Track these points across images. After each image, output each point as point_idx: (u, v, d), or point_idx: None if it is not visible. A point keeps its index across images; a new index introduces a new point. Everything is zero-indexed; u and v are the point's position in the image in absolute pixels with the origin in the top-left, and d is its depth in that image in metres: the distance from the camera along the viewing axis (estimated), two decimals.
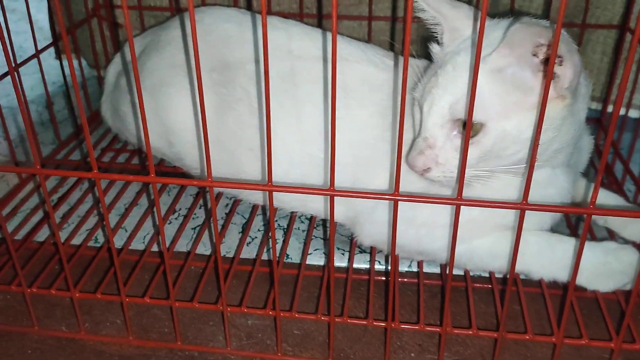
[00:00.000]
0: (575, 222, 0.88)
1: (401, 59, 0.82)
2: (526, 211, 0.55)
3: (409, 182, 0.70)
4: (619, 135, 1.04)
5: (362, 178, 0.76)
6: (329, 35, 0.83)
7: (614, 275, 0.71)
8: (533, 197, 0.57)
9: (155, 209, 0.93)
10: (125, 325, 0.74)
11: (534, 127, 0.62)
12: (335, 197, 0.59)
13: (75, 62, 1.22)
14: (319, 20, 1.09)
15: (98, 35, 1.16)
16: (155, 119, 0.88)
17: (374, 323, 0.68)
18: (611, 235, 0.84)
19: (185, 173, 0.95)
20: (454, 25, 0.69)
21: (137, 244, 0.88)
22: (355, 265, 0.83)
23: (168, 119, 0.86)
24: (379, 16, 1.07)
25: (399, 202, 0.57)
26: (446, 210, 0.70)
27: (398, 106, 0.76)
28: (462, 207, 0.56)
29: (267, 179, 0.58)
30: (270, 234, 0.87)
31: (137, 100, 0.89)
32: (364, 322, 0.69)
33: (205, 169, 0.57)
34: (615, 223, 0.82)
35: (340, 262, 0.85)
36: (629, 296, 0.72)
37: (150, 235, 0.89)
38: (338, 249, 0.87)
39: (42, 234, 0.89)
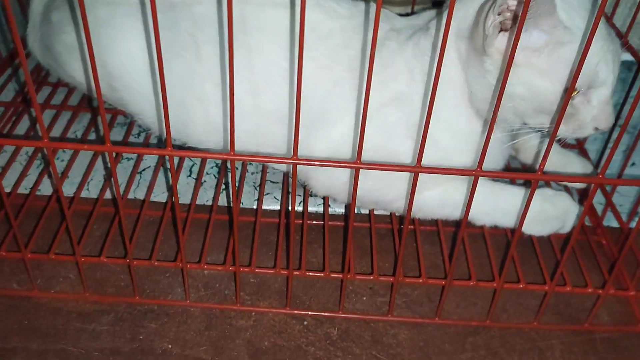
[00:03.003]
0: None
1: (358, 4, 0.79)
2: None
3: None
4: None
5: (314, 133, 0.76)
6: None
7: (549, 221, 0.77)
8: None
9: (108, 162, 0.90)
10: (79, 279, 0.74)
11: None
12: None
13: None
14: None
15: None
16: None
17: (331, 275, 0.72)
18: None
19: (128, 115, 0.92)
20: None
21: (85, 192, 0.86)
22: (309, 209, 0.85)
23: (109, 63, 0.81)
24: None
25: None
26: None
27: (351, 59, 0.75)
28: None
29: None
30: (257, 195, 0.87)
31: (78, 40, 0.84)
32: (321, 275, 0.72)
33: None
34: (550, 167, 0.87)
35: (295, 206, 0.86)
36: (565, 242, 0.79)
37: (99, 182, 0.87)
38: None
39: None
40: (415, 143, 0.72)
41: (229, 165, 0.89)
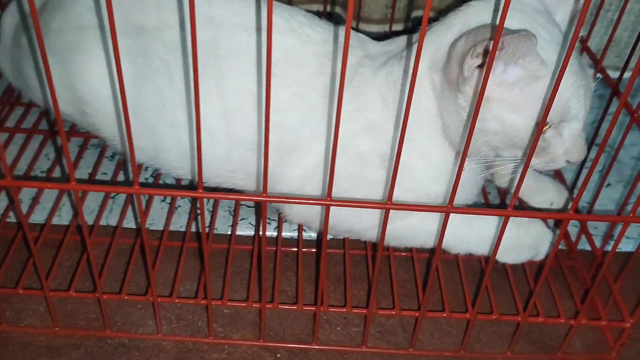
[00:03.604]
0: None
1: (332, 30, 0.78)
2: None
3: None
4: None
5: (288, 160, 0.75)
6: (252, 2, 0.78)
7: (523, 249, 0.77)
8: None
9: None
10: (48, 312, 0.72)
11: None
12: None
13: None
14: None
15: None
16: (64, 86, 0.82)
17: (304, 308, 0.71)
18: (521, 203, 0.89)
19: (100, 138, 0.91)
20: None
21: (57, 218, 0.84)
22: (284, 234, 0.85)
23: (79, 88, 0.80)
24: None
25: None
26: (376, 195, 0.72)
27: (325, 86, 0.74)
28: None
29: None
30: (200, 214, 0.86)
31: (41, 66, 0.82)
32: (294, 307, 0.71)
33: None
34: (524, 192, 0.87)
35: (268, 231, 0.85)
36: (538, 269, 0.79)
37: (71, 208, 0.86)
38: (268, 219, 0.87)
39: None
40: (389, 173, 0.72)
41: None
